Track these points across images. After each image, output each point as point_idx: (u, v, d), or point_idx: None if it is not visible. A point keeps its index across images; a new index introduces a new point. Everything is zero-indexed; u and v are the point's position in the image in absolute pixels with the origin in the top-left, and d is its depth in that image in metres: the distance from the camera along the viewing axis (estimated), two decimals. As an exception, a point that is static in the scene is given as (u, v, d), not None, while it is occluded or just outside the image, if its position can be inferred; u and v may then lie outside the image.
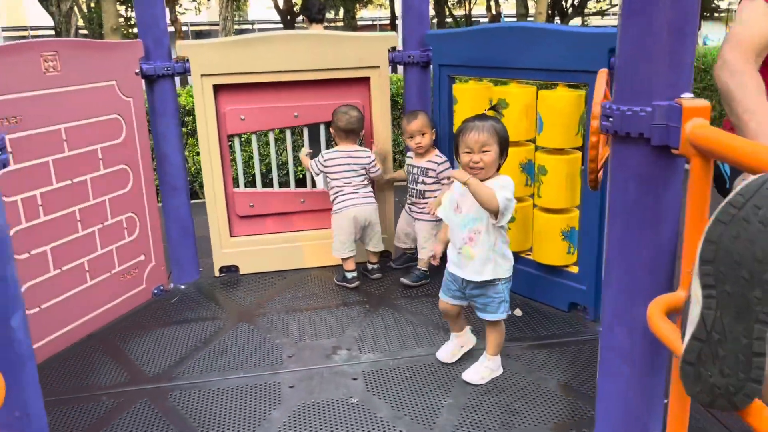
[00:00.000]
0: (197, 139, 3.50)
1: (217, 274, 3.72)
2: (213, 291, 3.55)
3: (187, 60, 3.37)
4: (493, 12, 21.36)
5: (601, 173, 2.06)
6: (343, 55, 3.49)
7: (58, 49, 2.79)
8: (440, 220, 3.47)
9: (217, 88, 3.48)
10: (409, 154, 3.58)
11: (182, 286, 3.61)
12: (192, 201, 3.66)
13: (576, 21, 20.80)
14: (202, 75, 3.40)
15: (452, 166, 3.39)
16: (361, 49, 3.51)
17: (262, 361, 2.78)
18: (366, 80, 3.60)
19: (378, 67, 3.56)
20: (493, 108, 2.62)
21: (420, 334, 2.96)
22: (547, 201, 3.01)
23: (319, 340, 2.95)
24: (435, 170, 3.41)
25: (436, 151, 3.46)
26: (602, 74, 2.06)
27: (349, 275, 3.48)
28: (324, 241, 3.74)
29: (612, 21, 26.69)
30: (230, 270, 3.75)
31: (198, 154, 6.14)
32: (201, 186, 6.31)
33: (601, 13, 23.13)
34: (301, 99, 3.58)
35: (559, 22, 17.39)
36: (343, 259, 3.47)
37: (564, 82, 2.90)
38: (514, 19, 24.27)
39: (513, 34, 2.99)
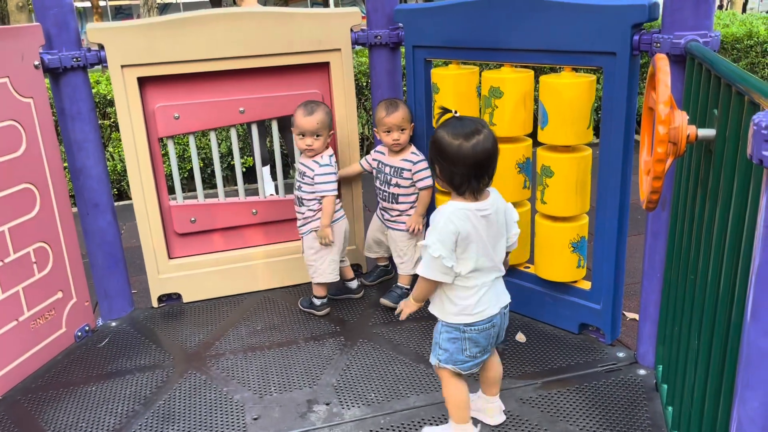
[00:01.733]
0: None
1: (155, 304, 3.10)
2: (151, 327, 2.94)
3: (103, 47, 2.70)
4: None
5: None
6: (297, 36, 2.90)
7: None
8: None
9: (143, 81, 2.82)
10: (378, 148, 3.03)
11: (113, 323, 2.98)
12: (120, 203, 3.01)
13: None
14: (122, 66, 2.74)
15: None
16: (317, 29, 2.92)
17: (221, 428, 2.22)
18: (325, 66, 3.02)
19: (339, 50, 2.97)
20: (443, 109, 2.03)
21: (411, 376, 2.46)
22: (554, 208, 2.54)
23: (290, 391, 2.41)
24: (410, 170, 2.88)
25: (412, 148, 2.92)
26: (663, 61, 1.57)
27: (318, 301, 2.94)
28: (282, 257, 3.18)
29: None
30: (171, 298, 3.14)
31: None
32: (129, 185, 5.59)
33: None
34: (248, 91, 2.96)
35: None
36: (321, 284, 2.93)
37: (571, 66, 2.41)
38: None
39: (506, 7, 2.47)
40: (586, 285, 2.62)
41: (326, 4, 23.24)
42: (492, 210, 1.89)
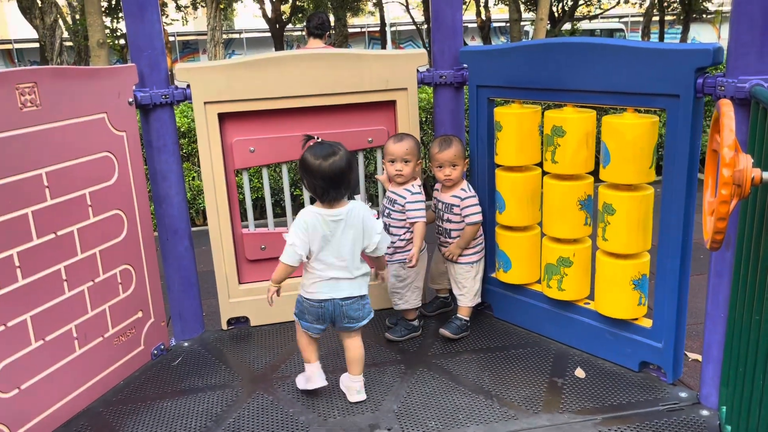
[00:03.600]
0: (193, 163, 3.04)
1: (224, 327, 3.26)
2: (221, 349, 3.09)
3: (188, 85, 2.92)
4: (483, 17, 21.05)
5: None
6: (366, 76, 3.06)
7: (36, 79, 2.33)
8: (477, 261, 3.06)
9: (223, 117, 3.03)
10: (436, 185, 3.14)
11: (185, 344, 3.15)
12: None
13: (567, 26, 20.55)
14: (205, 102, 2.95)
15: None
16: (385, 69, 3.08)
17: (288, 447, 2.33)
18: (391, 104, 3.17)
19: (405, 89, 3.12)
20: (307, 136, 2.50)
21: (470, 406, 2.51)
22: (616, 245, 2.58)
23: (353, 415, 2.50)
24: (459, 206, 2.97)
25: (463, 184, 3.01)
26: (728, 107, 1.63)
27: (416, 322, 3.11)
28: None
29: (603, 24, 26.50)
30: (239, 321, 3.29)
31: (194, 178, 5.73)
32: (197, 212, 5.86)
33: (591, 17, 22.92)
34: (318, 127, 3.13)
35: (549, 27, 17.04)
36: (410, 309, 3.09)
37: (634, 107, 2.48)
38: (507, 25, 23.99)
39: (570, 50, 2.57)
40: (648, 323, 2.63)
41: (384, 41, 23.73)
42: (344, 216, 2.41)
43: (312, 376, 2.61)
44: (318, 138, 2.46)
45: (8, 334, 2.27)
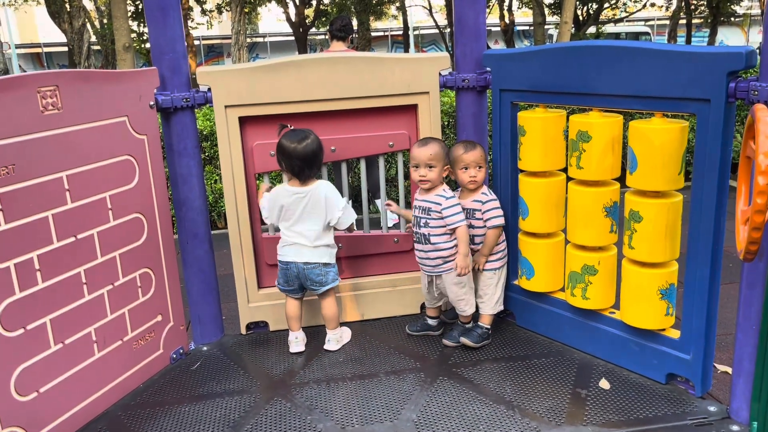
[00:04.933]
0: (216, 166, 3.04)
1: (243, 331, 3.25)
2: (240, 353, 3.07)
3: (209, 89, 2.92)
4: (506, 21, 20.92)
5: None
6: (388, 79, 3.02)
7: (58, 82, 2.33)
8: (500, 267, 3.00)
9: (244, 120, 3.02)
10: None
11: (204, 348, 3.14)
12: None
13: (591, 29, 20.34)
14: (226, 106, 2.94)
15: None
16: (407, 73, 3.04)
17: (305, 456, 2.30)
18: (413, 108, 3.13)
19: (427, 93, 3.08)
20: (282, 125, 2.90)
21: (491, 416, 2.45)
22: (643, 253, 2.50)
23: (371, 424, 2.46)
24: (481, 210, 2.92)
25: (483, 189, 2.96)
26: (763, 111, 1.57)
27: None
28: (365, 291, 3.27)
29: (629, 28, 26.17)
30: (259, 326, 3.28)
31: (216, 181, 5.75)
32: (218, 215, 5.87)
33: (616, 20, 22.65)
34: (339, 131, 3.11)
35: (573, 30, 16.87)
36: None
37: (662, 112, 2.41)
38: (530, 28, 23.82)
39: (596, 53, 2.51)
40: (675, 334, 2.55)
41: (407, 44, 23.68)
42: (306, 193, 2.85)
43: (291, 342, 3.04)
44: (290, 126, 2.87)
45: (28, 337, 2.27)
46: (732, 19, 24.17)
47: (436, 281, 2.97)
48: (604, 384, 2.62)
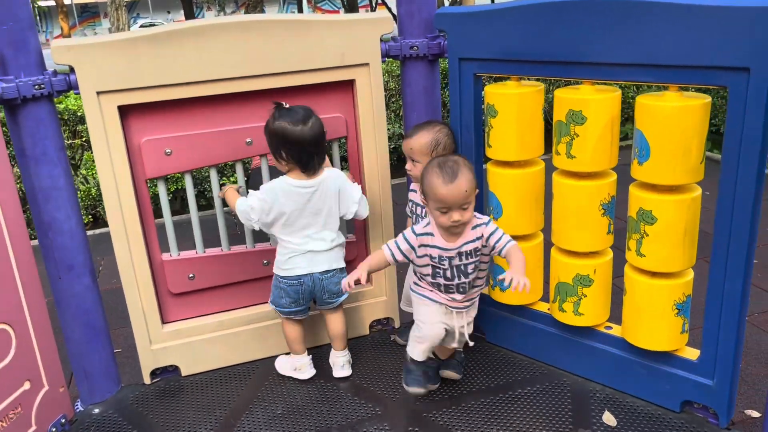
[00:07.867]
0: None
1: (147, 380, 2.53)
2: (143, 413, 2.37)
3: (72, 69, 2.12)
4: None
5: None
6: (316, 50, 2.34)
7: None
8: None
9: (126, 111, 2.25)
10: (412, 186, 2.50)
11: (95, 409, 2.41)
12: (96, 231, 2.43)
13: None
14: (98, 92, 2.16)
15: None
16: (340, 40, 2.37)
17: None
18: (349, 84, 2.47)
19: (367, 64, 2.43)
20: (276, 103, 2.26)
21: (485, 482, 1.93)
22: (655, 262, 2.02)
23: None
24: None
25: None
26: None
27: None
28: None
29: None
30: (167, 371, 2.57)
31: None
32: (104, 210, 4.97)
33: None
34: (256, 118, 2.40)
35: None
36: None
37: (677, 85, 1.90)
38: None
39: (592, 10, 1.95)
40: (692, 354, 2.11)
41: (300, 7, 21.95)
42: (315, 187, 2.26)
43: (302, 368, 2.49)
44: (286, 104, 2.25)
45: None
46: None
47: (464, 313, 2.28)
48: (610, 419, 2.15)
